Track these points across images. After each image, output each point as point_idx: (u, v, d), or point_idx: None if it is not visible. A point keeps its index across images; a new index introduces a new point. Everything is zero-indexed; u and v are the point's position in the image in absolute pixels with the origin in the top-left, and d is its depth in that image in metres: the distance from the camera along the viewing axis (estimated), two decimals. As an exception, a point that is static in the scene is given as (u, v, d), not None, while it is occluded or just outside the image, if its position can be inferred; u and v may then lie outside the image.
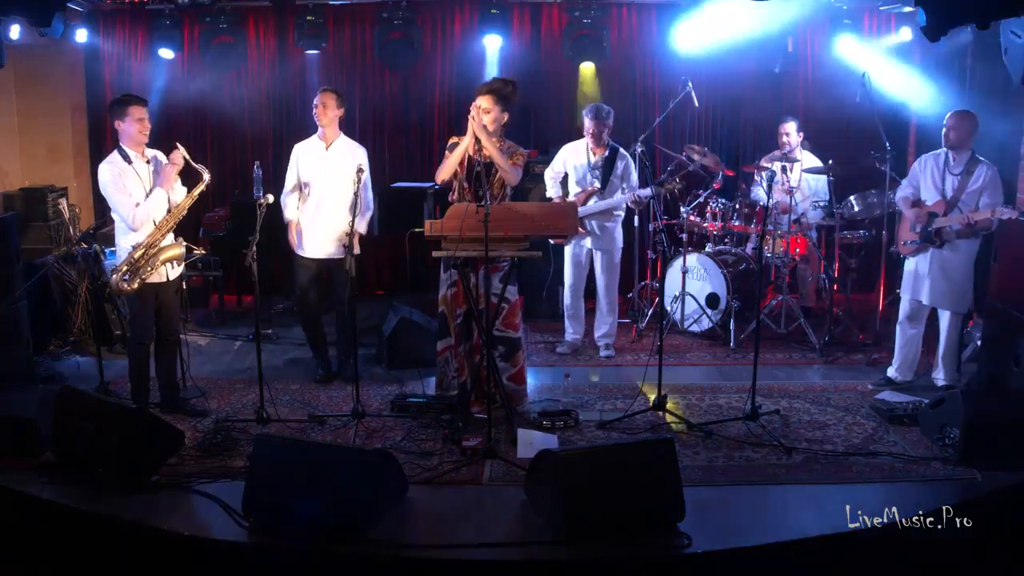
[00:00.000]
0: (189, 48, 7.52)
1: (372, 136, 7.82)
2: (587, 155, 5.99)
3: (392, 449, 4.32)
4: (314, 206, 5.48)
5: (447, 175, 4.83)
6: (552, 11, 7.69)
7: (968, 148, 5.15)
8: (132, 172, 4.76)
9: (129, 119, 4.72)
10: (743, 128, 7.91)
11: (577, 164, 6.02)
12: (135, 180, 4.77)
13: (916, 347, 5.45)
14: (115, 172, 4.71)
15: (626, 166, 5.97)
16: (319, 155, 5.48)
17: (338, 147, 5.50)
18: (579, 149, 6.05)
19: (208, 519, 3.73)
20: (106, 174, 4.71)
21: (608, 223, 6.01)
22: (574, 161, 6.04)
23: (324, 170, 5.45)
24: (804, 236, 6.64)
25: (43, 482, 4.04)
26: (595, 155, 5.97)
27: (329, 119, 5.42)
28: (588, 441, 4.64)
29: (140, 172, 4.80)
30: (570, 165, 6.05)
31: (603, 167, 5.94)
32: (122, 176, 4.72)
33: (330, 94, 5.44)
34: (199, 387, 5.34)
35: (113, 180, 4.70)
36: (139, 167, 4.80)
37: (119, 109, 4.75)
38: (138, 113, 4.74)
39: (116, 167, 4.73)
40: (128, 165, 4.76)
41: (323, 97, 5.42)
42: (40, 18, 4.72)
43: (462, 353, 4.91)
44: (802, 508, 3.87)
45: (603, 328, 6.20)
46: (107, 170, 4.72)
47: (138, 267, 4.73)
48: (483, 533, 3.60)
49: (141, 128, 4.75)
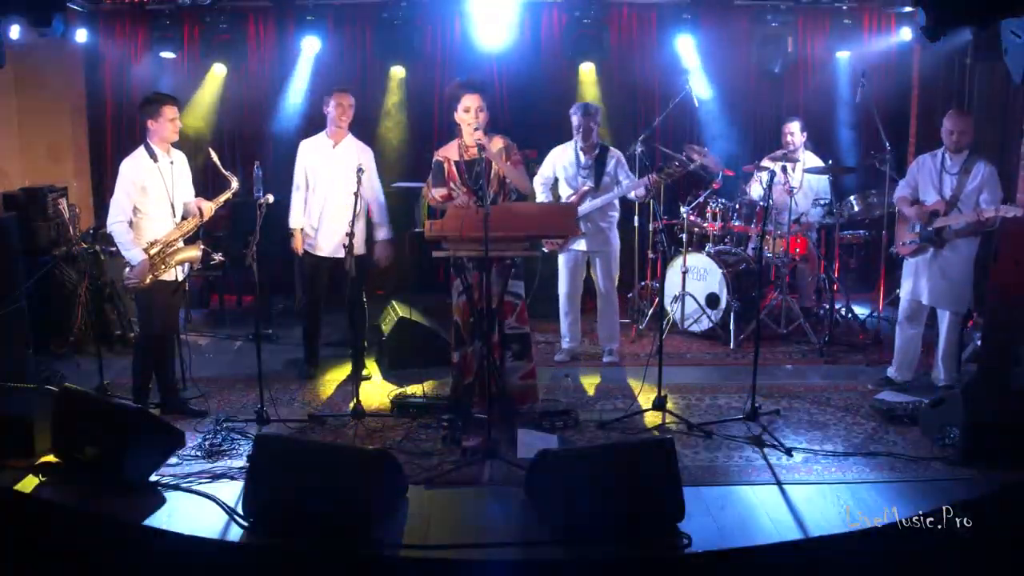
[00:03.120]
0: (189, 48, 7.52)
1: (372, 136, 7.83)
2: (576, 155, 5.85)
3: (392, 449, 4.31)
4: (320, 204, 5.49)
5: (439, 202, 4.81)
6: (552, 11, 7.68)
7: (967, 147, 5.15)
8: (156, 171, 4.83)
9: (163, 118, 4.80)
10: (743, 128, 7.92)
11: (567, 165, 5.88)
12: (157, 178, 4.83)
13: (916, 347, 5.45)
14: (137, 172, 4.77)
15: (617, 163, 5.85)
16: (326, 153, 5.51)
17: (345, 146, 5.54)
18: (567, 151, 5.92)
19: (208, 519, 3.73)
20: (128, 171, 4.78)
21: (603, 223, 5.87)
22: (563, 162, 5.90)
23: (331, 168, 5.48)
24: (804, 236, 6.65)
25: (43, 482, 4.05)
26: (585, 155, 5.82)
27: (347, 119, 5.49)
28: (588, 441, 4.63)
29: (164, 171, 4.86)
30: (559, 167, 5.92)
31: (594, 167, 5.83)
32: (144, 174, 4.78)
33: (351, 95, 5.52)
34: (199, 387, 5.34)
35: (130, 180, 4.76)
36: (163, 166, 4.87)
37: (153, 108, 4.81)
38: (171, 113, 4.83)
39: (141, 166, 4.80)
40: (154, 163, 4.83)
41: (347, 98, 5.48)
42: (40, 18, 4.73)
43: (472, 354, 4.82)
44: (802, 508, 3.86)
45: (606, 333, 6.07)
46: (130, 167, 4.79)
47: (152, 264, 4.77)
48: (483, 533, 3.60)
49: (174, 128, 4.87)
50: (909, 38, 7.34)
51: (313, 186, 5.51)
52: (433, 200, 4.86)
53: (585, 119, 5.74)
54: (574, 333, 6.11)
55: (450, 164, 4.79)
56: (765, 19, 7.33)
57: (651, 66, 7.72)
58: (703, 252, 6.63)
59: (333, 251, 5.51)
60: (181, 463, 4.28)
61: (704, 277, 6.54)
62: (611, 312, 6.03)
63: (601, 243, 5.88)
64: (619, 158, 5.90)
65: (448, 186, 4.79)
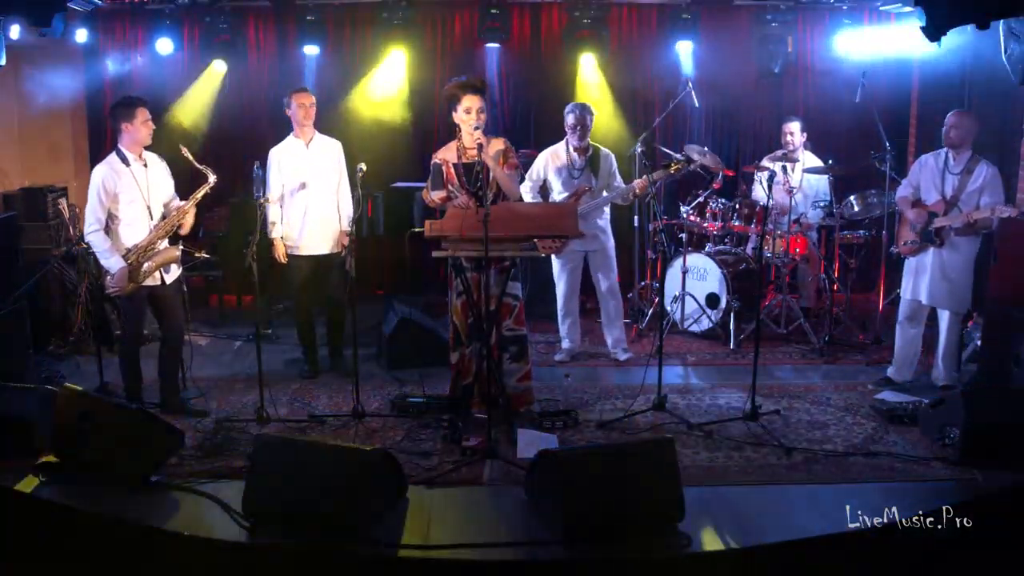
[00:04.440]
0: (189, 48, 7.51)
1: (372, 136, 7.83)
2: (569, 157, 5.79)
3: (392, 449, 4.31)
4: (301, 205, 5.50)
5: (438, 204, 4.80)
6: (552, 11, 7.68)
7: (968, 147, 5.15)
8: (129, 175, 4.78)
9: (137, 120, 4.75)
10: (743, 128, 7.92)
11: (559, 167, 5.80)
12: (131, 183, 4.78)
13: (916, 347, 5.45)
14: (107, 178, 4.72)
15: (612, 162, 5.85)
16: (301, 154, 5.52)
17: (318, 144, 5.57)
18: (559, 153, 5.84)
19: (208, 519, 3.73)
20: (97, 179, 4.73)
21: (600, 221, 5.84)
22: (555, 164, 5.81)
23: (308, 168, 5.50)
24: (804, 236, 6.65)
25: (43, 482, 4.05)
26: (578, 156, 5.77)
27: (312, 118, 5.51)
28: (588, 441, 4.63)
29: (137, 175, 4.81)
30: (551, 170, 5.83)
31: (588, 167, 5.78)
32: (116, 179, 4.73)
33: (311, 94, 5.54)
34: (199, 387, 5.34)
35: (101, 188, 4.71)
36: (136, 170, 4.81)
37: (127, 111, 4.75)
38: (144, 115, 4.78)
39: (112, 171, 4.75)
40: (126, 168, 4.77)
41: (307, 97, 5.50)
42: (40, 18, 4.71)
43: (470, 355, 4.83)
44: (802, 508, 3.87)
45: (614, 333, 6.00)
46: (101, 174, 4.74)
47: (131, 270, 4.76)
48: (483, 533, 3.60)
49: (147, 130, 4.80)
50: (909, 38, 7.34)
51: (292, 189, 5.50)
52: (432, 202, 4.85)
53: (583, 117, 5.71)
54: (573, 335, 6.07)
55: (448, 166, 4.77)
56: (765, 19, 7.32)
57: (651, 66, 7.72)
58: (703, 252, 6.64)
59: (316, 249, 5.53)
60: (181, 463, 4.28)
61: (704, 277, 6.54)
62: (616, 315, 5.98)
63: (598, 242, 5.85)
64: (612, 158, 5.89)
65: (447, 188, 4.79)
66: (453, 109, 4.72)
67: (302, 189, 5.48)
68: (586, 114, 5.74)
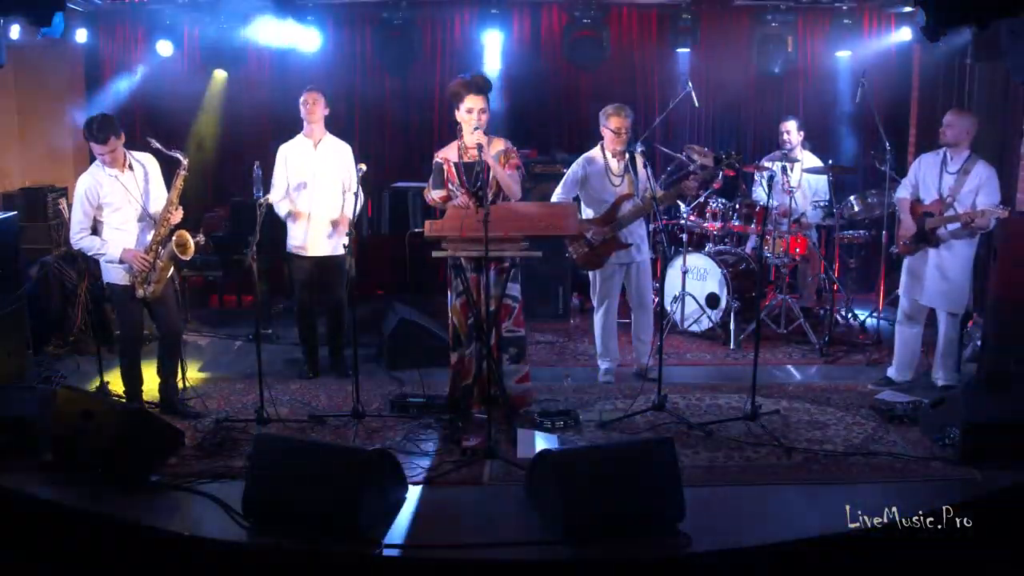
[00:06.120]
0: (189, 47, 7.51)
1: (372, 136, 7.83)
2: (606, 162, 5.39)
3: (392, 449, 4.31)
4: (306, 205, 5.49)
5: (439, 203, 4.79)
6: (552, 11, 7.68)
7: (966, 147, 5.15)
8: (115, 182, 4.76)
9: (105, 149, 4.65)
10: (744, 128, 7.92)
11: (599, 174, 5.38)
12: (118, 189, 4.76)
13: (915, 347, 5.45)
14: (90, 190, 4.71)
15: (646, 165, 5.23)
16: (308, 153, 5.51)
17: (326, 145, 5.55)
18: (595, 159, 5.41)
19: (208, 519, 3.73)
20: (80, 190, 4.74)
21: (640, 230, 5.50)
22: (595, 171, 5.37)
23: (315, 168, 5.49)
24: (804, 236, 6.65)
25: (43, 482, 4.04)
26: (616, 161, 5.38)
27: (317, 117, 5.48)
28: (588, 441, 4.63)
29: (125, 180, 4.79)
30: (593, 176, 5.37)
31: (627, 172, 5.40)
32: (99, 189, 4.72)
33: (318, 93, 5.51)
34: (196, 390, 5.33)
35: (84, 198, 4.71)
36: (124, 175, 4.80)
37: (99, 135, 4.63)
38: (112, 145, 4.67)
39: (95, 181, 4.74)
40: (111, 175, 4.76)
41: (313, 95, 5.48)
42: (40, 18, 4.71)
43: (470, 356, 4.82)
44: (802, 508, 3.87)
45: (641, 350, 5.62)
46: (83, 185, 4.74)
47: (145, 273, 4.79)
48: (483, 533, 3.60)
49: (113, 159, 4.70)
50: (909, 38, 7.34)
51: (297, 188, 5.49)
52: (433, 202, 4.85)
53: (625, 119, 5.27)
54: (614, 351, 5.65)
55: (449, 165, 4.77)
56: (765, 19, 7.33)
57: (651, 66, 7.72)
58: (703, 252, 6.64)
59: (320, 250, 5.53)
60: (181, 463, 4.28)
61: (704, 277, 6.54)
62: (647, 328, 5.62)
63: (640, 253, 5.52)
64: (646, 160, 5.36)
65: (447, 187, 4.79)
66: (456, 107, 4.72)
67: (304, 189, 5.48)
68: (628, 115, 5.32)
